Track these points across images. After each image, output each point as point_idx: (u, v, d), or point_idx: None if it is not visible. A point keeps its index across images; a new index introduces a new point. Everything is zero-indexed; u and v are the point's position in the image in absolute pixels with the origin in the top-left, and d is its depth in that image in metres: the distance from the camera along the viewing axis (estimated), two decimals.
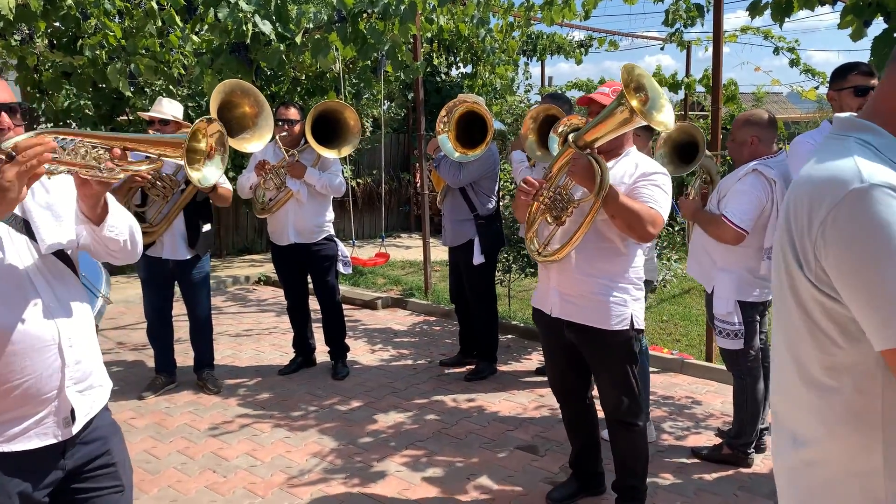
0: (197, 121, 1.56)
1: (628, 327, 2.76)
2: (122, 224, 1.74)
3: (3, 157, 1.44)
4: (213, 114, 3.81)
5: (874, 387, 1.14)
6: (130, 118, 7.20)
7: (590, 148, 2.67)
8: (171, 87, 6.65)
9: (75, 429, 1.67)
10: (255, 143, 4.05)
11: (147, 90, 7.06)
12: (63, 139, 1.54)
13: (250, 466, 3.51)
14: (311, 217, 4.65)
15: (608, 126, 2.57)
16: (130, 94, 6.08)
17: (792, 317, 1.23)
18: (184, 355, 4.81)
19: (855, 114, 1.24)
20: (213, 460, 3.58)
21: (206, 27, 5.27)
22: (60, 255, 1.70)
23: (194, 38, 5.32)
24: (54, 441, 1.63)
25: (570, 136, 2.72)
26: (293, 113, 4.57)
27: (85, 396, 1.70)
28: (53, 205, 1.70)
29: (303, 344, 4.99)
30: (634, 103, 2.40)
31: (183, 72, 5.83)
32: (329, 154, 4.45)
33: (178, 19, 4.93)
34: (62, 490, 1.70)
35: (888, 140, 1.17)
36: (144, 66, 5.09)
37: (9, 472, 1.59)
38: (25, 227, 1.64)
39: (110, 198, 1.70)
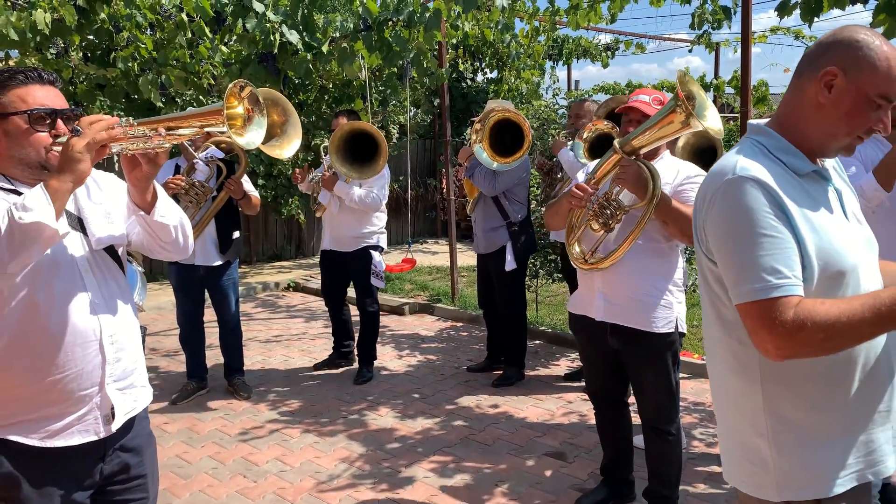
0: (229, 86, 1.59)
1: (673, 330, 2.75)
2: (171, 211, 1.80)
3: (70, 134, 1.56)
4: None
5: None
6: None
7: (635, 154, 2.65)
8: (200, 97, 6.75)
9: (114, 426, 1.69)
10: (287, 150, 4.14)
11: (178, 100, 7.19)
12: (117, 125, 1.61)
13: (280, 471, 3.54)
14: (345, 227, 4.74)
15: (662, 132, 2.53)
16: (162, 105, 6.19)
17: (701, 285, 1.52)
18: (214, 361, 4.88)
19: (763, 121, 1.51)
20: (244, 465, 3.62)
21: (234, 38, 5.35)
22: (111, 253, 1.76)
23: (223, 48, 5.39)
24: (95, 438, 1.66)
25: (616, 142, 2.68)
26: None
27: (126, 395, 1.73)
28: (105, 203, 1.77)
29: (339, 344, 5.17)
30: (692, 109, 2.38)
31: (212, 82, 5.91)
32: (343, 171, 4.52)
33: (207, 31, 5.00)
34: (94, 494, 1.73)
35: (778, 142, 1.44)
36: (175, 78, 5.17)
37: (51, 471, 1.62)
38: (80, 225, 1.70)
39: (159, 187, 1.75)
